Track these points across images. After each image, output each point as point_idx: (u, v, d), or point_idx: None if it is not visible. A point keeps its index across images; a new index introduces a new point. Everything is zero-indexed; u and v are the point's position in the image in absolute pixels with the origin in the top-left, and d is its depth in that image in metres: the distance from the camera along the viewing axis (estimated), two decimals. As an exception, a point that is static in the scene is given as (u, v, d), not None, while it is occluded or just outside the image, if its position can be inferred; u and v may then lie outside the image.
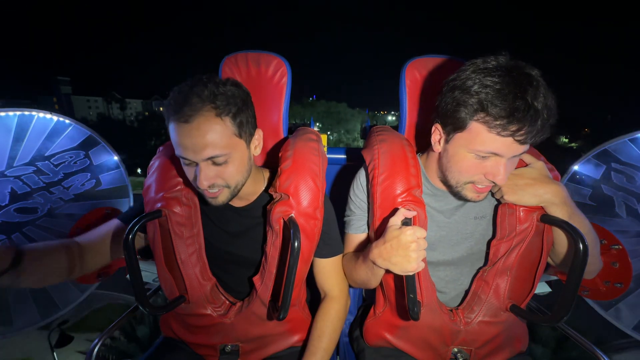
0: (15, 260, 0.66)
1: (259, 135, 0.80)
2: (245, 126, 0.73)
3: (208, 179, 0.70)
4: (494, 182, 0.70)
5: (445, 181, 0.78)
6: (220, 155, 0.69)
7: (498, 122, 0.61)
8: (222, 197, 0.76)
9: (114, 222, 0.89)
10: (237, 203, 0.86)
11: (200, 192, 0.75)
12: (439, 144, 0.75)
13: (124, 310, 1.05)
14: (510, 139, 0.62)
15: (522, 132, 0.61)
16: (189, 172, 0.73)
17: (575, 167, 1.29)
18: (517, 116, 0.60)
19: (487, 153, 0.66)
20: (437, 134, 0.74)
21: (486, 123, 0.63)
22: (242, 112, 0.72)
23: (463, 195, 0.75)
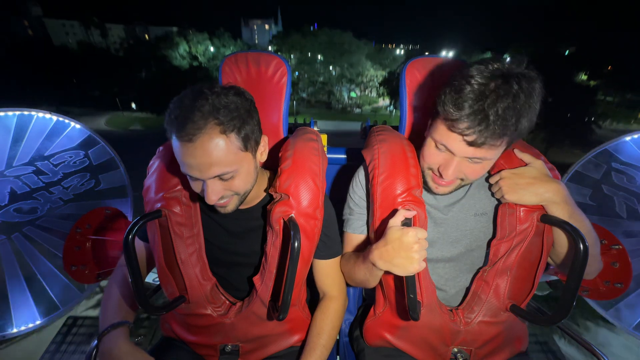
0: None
1: (264, 142, 0.78)
2: (251, 137, 0.71)
3: (216, 193, 0.70)
4: (441, 176, 0.73)
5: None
6: (227, 172, 0.68)
7: (449, 117, 0.65)
8: (231, 206, 0.76)
9: (137, 243, 0.91)
10: (239, 206, 0.86)
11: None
12: (428, 130, 0.77)
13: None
14: (459, 136, 0.66)
15: (468, 132, 0.63)
16: (196, 186, 0.72)
17: (576, 167, 1.29)
18: (463, 114, 0.62)
19: (440, 144, 0.70)
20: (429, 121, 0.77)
21: (444, 115, 0.67)
22: (247, 124, 0.69)
23: (427, 182, 0.79)
